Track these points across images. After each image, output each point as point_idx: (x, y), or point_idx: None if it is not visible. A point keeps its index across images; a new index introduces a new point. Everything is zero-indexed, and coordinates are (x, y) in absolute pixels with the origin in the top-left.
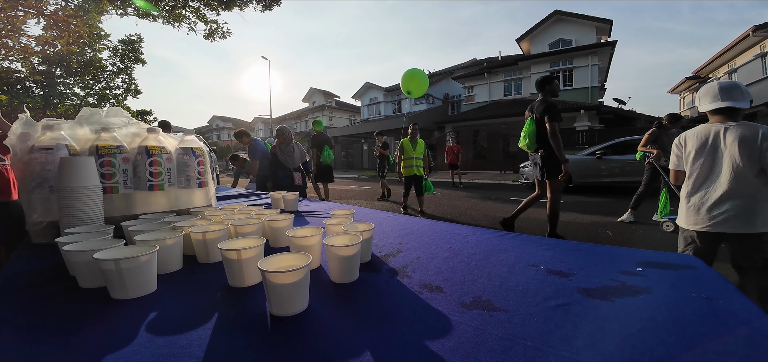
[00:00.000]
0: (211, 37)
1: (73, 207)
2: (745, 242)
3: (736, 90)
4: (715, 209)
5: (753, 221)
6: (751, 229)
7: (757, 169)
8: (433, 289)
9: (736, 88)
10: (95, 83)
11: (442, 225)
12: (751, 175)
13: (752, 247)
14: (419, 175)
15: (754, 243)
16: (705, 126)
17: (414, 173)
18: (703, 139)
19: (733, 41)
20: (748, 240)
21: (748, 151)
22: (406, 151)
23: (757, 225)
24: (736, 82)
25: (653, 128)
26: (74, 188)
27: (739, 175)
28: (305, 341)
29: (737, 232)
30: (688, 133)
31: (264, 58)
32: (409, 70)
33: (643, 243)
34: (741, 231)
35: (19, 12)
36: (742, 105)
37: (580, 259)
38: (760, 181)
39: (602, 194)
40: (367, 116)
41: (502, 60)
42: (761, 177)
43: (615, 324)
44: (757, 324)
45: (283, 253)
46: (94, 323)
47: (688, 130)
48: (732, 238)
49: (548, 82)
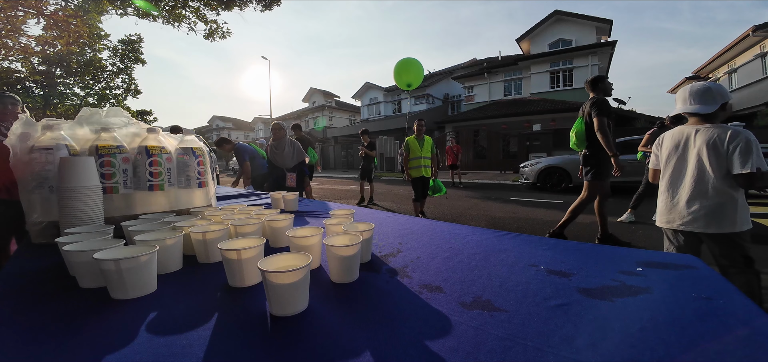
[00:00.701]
0: (211, 37)
1: (73, 207)
2: (718, 242)
3: (706, 94)
4: (685, 208)
5: (722, 221)
6: (721, 229)
7: (725, 171)
8: (433, 289)
9: (706, 91)
10: (95, 83)
11: (442, 225)
12: (719, 176)
13: (728, 246)
14: (427, 176)
15: (728, 243)
16: (680, 128)
17: (422, 174)
18: (677, 140)
19: (733, 41)
20: (721, 240)
21: (715, 152)
22: (413, 150)
23: (725, 226)
24: (709, 85)
25: (654, 128)
26: (74, 188)
27: (707, 175)
28: (305, 341)
29: (707, 232)
30: (666, 133)
31: (264, 58)
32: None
33: (643, 243)
34: (711, 231)
35: (19, 12)
36: (704, 110)
37: (580, 259)
38: (727, 183)
39: None
40: (367, 116)
41: (502, 60)
42: (729, 178)
43: (615, 324)
44: (757, 324)
45: (283, 253)
46: (94, 323)
47: (666, 132)
48: (706, 238)
49: (600, 81)
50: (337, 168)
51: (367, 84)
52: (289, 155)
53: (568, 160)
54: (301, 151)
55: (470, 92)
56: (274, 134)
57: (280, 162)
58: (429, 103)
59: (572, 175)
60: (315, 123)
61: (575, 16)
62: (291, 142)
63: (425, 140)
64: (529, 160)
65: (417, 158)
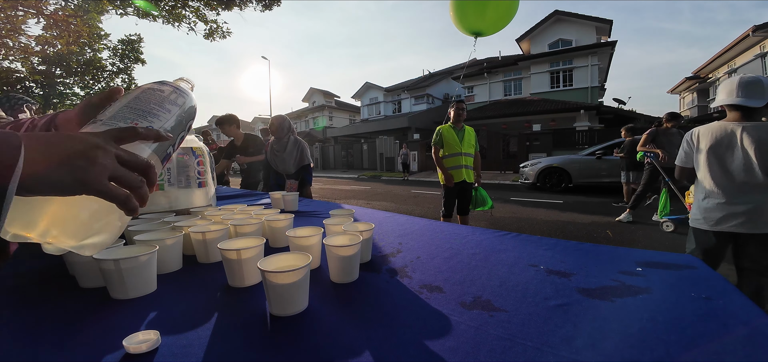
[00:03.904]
0: (211, 37)
1: None
2: (757, 243)
3: (756, 86)
4: (730, 209)
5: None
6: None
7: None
8: (433, 289)
9: (756, 83)
10: (95, 83)
11: (442, 225)
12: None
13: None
14: (469, 182)
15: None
16: (721, 123)
17: (463, 178)
18: (718, 137)
19: (733, 41)
20: (761, 240)
21: (764, 153)
22: (448, 143)
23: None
24: (759, 78)
25: (652, 128)
26: None
27: (755, 176)
28: (305, 341)
29: (752, 233)
30: (701, 129)
31: (264, 58)
32: None
33: (643, 243)
34: (756, 232)
35: (19, 12)
36: (755, 104)
37: (580, 259)
38: None
39: (602, 194)
40: (367, 116)
41: (502, 60)
42: None
43: (615, 324)
44: (756, 324)
45: (283, 253)
46: (94, 323)
47: (702, 127)
48: (743, 239)
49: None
50: (337, 168)
51: (367, 84)
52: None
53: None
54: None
55: (470, 92)
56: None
57: (281, 166)
58: (429, 103)
59: (572, 175)
60: (315, 123)
61: (575, 16)
62: (296, 142)
63: (466, 131)
64: (529, 160)
65: (456, 155)
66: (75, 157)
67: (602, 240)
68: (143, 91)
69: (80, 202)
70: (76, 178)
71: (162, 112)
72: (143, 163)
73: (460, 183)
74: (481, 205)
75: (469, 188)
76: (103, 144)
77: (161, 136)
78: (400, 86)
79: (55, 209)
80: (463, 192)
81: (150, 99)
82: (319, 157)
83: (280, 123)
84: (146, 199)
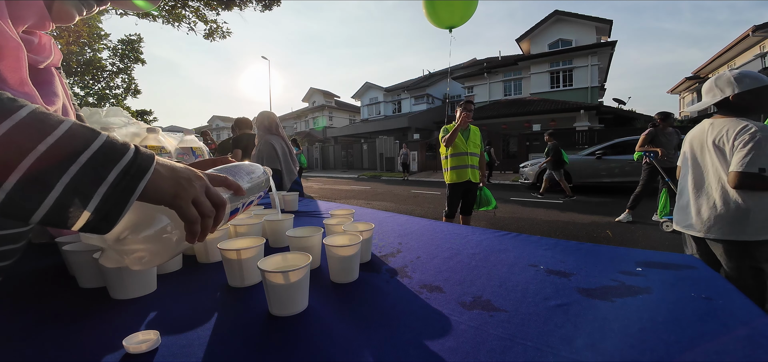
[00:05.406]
0: (211, 37)
1: None
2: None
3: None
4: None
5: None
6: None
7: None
8: (433, 289)
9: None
10: (95, 83)
11: (442, 225)
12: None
13: (738, 256)
14: (474, 182)
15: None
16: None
17: (468, 178)
18: (696, 136)
19: (733, 41)
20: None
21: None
22: (455, 143)
23: (747, 233)
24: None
25: (650, 128)
26: None
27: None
28: (305, 341)
29: (723, 239)
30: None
31: (264, 58)
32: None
33: (643, 243)
34: (726, 239)
35: None
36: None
37: (580, 259)
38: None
39: (602, 194)
40: (367, 116)
41: (501, 60)
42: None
43: (615, 324)
44: (756, 324)
45: (283, 253)
46: (94, 323)
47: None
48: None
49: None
50: (337, 168)
51: (367, 84)
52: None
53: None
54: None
55: (470, 92)
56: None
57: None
58: (429, 103)
59: (572, 175)
60: (315, 123)
61: (575, 16)
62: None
63: (471, 130)
64: (529, 160)
65: (461, 154)
66: (182, 177)
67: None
68: (240, 164)
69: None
70: (175, 192)
71: (246, 178)
72: (221, 198)
73: (466, 183)
74: (485, 205)
75: (474, 188)
76: (201, 176)
77: (241, 190)
78: (400, 86)
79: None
80: (468, 192)
81: (242, 169)
82: (319, 156)
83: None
84: (208, 231)
